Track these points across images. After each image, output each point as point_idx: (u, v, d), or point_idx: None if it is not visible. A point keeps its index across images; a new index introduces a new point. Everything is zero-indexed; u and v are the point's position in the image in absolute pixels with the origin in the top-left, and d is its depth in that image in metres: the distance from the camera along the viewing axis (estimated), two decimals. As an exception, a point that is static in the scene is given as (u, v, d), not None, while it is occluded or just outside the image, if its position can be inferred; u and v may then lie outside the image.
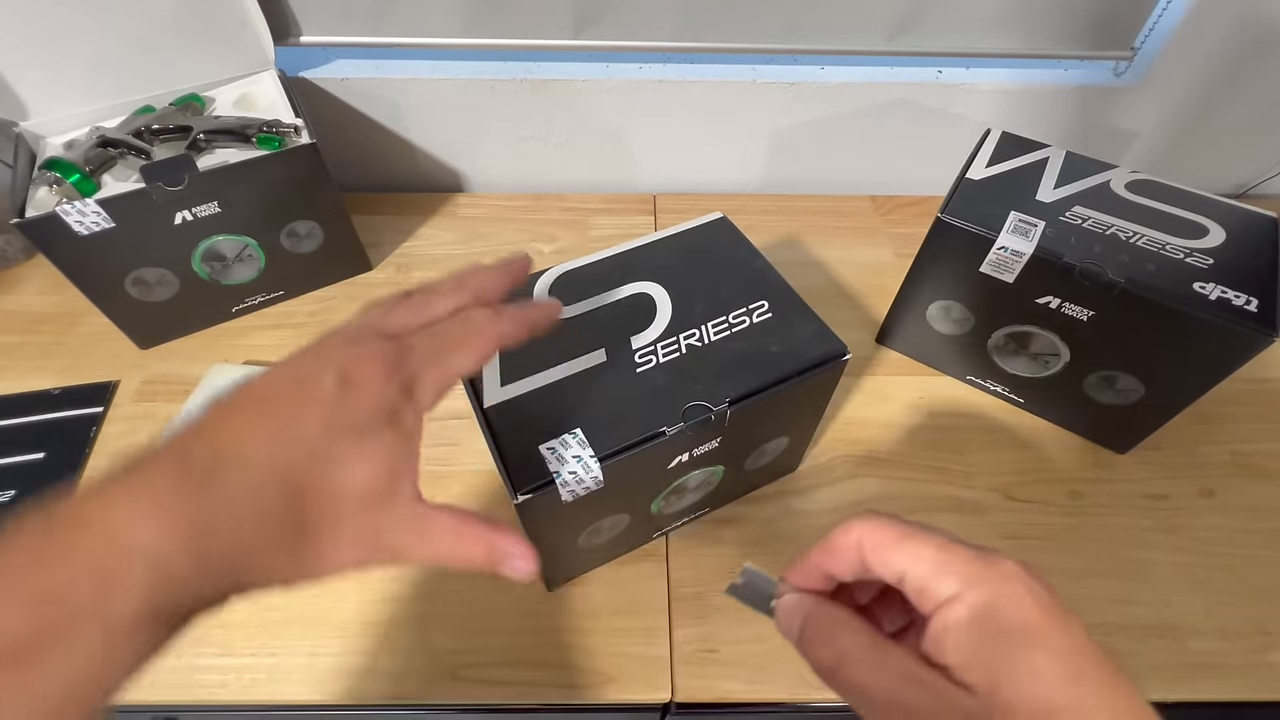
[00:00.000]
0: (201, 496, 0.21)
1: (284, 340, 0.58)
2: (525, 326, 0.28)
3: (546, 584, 0.43)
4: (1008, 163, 0.51)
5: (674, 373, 0.37)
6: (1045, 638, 0.20)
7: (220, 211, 0.51)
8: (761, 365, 0.37)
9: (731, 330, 0.39)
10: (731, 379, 0.37)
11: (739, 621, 0.43)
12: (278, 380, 0.23)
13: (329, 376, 0.23)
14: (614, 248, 0.43)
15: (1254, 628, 0.43)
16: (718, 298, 0.41)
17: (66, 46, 0.51)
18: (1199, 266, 0.43)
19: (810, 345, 0.39)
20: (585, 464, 0.33)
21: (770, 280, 0.42)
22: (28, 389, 0.53)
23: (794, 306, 0.41)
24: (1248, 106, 0.65)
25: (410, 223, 0.68)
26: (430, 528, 0.24)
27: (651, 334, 0.39)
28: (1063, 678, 0.19)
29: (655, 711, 0.43)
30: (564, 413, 0.35)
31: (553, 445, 0.33)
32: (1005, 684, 0.19)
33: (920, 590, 0.22)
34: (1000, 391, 0.54)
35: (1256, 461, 0.51)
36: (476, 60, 0.65)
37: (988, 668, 0.20)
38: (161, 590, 0.19)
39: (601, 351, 0.37)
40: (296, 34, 0.60)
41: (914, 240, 0.50)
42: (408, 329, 0.26)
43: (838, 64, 0.66)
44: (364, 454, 0.23)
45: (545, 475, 0.32)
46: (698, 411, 0.35)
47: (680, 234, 0.45)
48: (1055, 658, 0.20)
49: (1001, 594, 0.21)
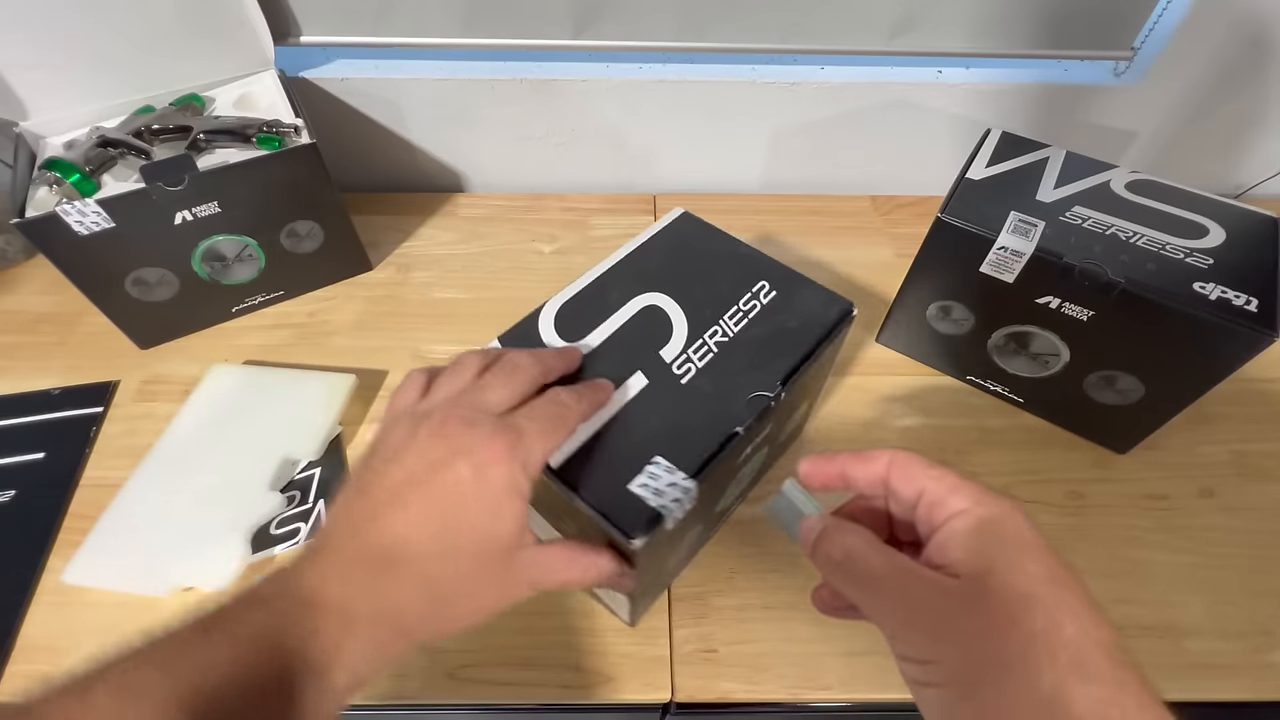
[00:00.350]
0: (385, 591, 0.26)
1: (284, 340, 0.58)
2: (596, 406, 0.34)
3: (633, 619, 0.42)
4: (1008, 163, 0.51)
5: (715, 373, 0.37)
6: (1037, 551, 0.24)
7: (220, 211, 0.51)
8: (790, 341, 0.39)
9: (748, 317, 0.40)
10: (770, 362, 0.37)
11: (739, 621, 0.43)
12: (418, 467, 0.28)
13: (464, 466, 0.27)
14: (594, 270, 0.42)
15: (1254, 628, 0.43)
16: (720, 291, 0.41)
17: (66, 46, 0.51)
18: (1199, 266, 0.43)
19: (822, 311, 0.40)
20: (681, 487, 0.32)
21: (758, 260, 0.43)
22: (28, 389, 0.53)
23: (790, 278, 0.42)
24: (1248, 106, 0.65)
25: (410, 223, 0.69)
26: (548, 564, 0.30)
27: (678, 343, 0.38)
28: (1046, 580, 0.23)
29: (655, 711, 0.43)
30: (634, 446, 0.34)
31: (644, 481, 0.32)
32: (994, 574, 0.23)
33: (934, 504, 0.25)
34: (1000, 391, 0.54)
35: (1256, 461, 0.51)
36: (476, 60, 0.65)
37: (982, 561, 0.23)
38: (363, 664, 0.25)
39: (639, 374, 0.37)
40: (296, 34, 0.60)
41: (914, 240, 0.50)
42: (507, 406, 0.31)
43: (838, 64, 0.66)
44: (503, 523, 0.28)
45: (648, 511, 0.31)
46: (759, 402, 0.36)
47: (653, 239, 0.44)
48: (1042, 565, 0.23)
49: (1006, 515, 0.24)
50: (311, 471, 0.49)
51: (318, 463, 0.49)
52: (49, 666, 0.41)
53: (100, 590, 0.43)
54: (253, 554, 0.44)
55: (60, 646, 0.41)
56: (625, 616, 0.41)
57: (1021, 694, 0.21)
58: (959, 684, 0.23)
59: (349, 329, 0.59)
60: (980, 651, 0.22)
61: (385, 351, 0.57)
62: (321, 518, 0.46)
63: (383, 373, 0.56)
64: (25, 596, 0.43)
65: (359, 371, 0.54)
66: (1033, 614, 0.22)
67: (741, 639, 0.42)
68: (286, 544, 0.45)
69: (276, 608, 0.25)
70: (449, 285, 0.63)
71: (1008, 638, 0.22)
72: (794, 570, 0.44)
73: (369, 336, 0.58)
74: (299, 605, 0.25)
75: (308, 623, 0.24)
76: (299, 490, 0.48)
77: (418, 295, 0.62)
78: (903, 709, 0.42)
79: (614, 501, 0.32)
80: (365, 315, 0.60)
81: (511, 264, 0.65)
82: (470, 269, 0.64)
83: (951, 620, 0.23)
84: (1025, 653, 0.22)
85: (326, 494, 0.47)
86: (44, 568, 0.44)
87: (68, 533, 0.46)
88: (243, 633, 0.24)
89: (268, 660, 0.23)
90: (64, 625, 0.42)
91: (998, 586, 0.23)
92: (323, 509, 0.47)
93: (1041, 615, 0.22)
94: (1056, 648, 0.21)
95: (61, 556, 0.44)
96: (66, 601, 0.43)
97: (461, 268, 0.65)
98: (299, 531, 0.45)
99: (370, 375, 0.55)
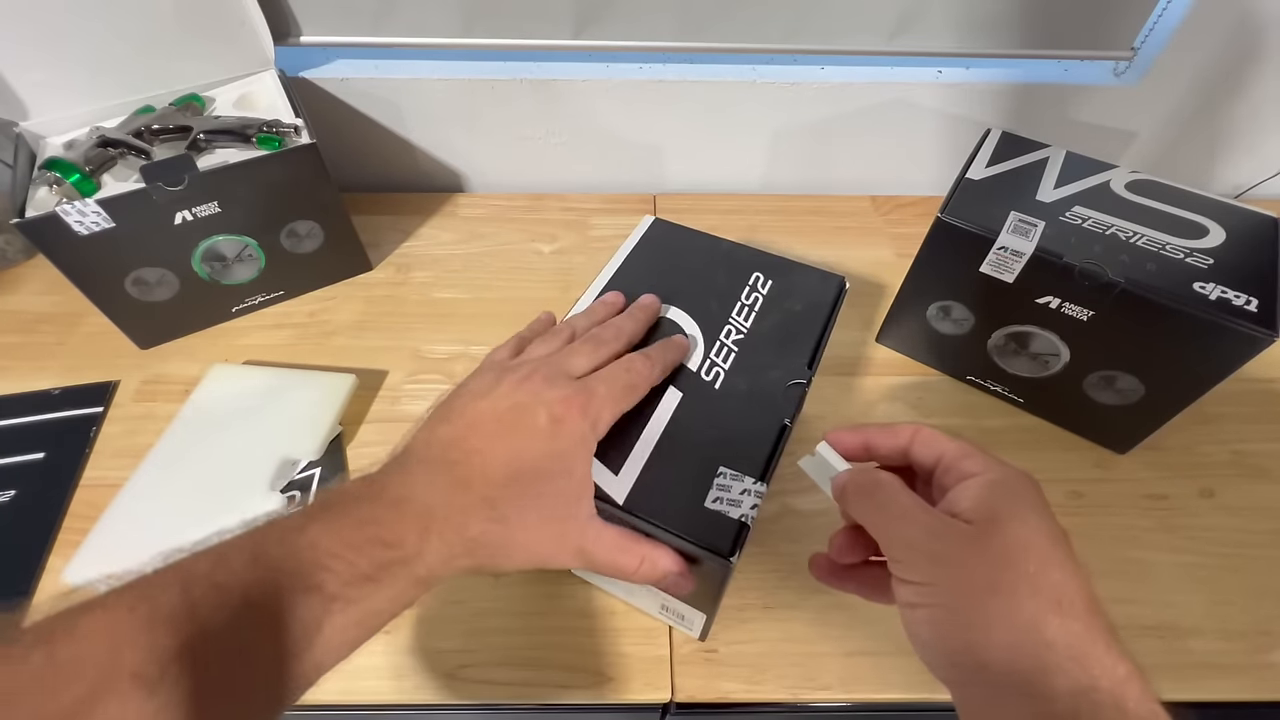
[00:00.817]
0: (465, 493, 0.29)
1: (284, 340, 0.58)
2: (670, 366, 0.37)
3: (704, 634, 0.41)
4: (1008, 163, 0.51)
5: (744, 371, 0.38)
6: (1040, 510, 0.26)
7: (220, 211, 0.51)
8: (801, 326, 0.40)
9: (754, 310, 0.41)
10: (791, 348, 0.38)
11: (739, 621, 0.43)
12: (501, 406, 0.32)
13: (542, 413, 0.31)
14: (586, 296, 0.42)
15: (1254, 628, 0.43)
16: (719, 290, 0.41)
17: (67, 46, 0.51)
18: (1199, 266, 0.43)
19: (820, 290, 0.42)
20: (753, 492, 0.33)
21: (744, 253, 0.44)
22: (28, 389, 0.53)
23: (779, 264, 0.43)
24: (1248, 106, 0.65)
25: (410, 223, 0.68)
26: (603, 539, 0.31)
27: (700, 350, 0.39)
28: (1044, 534, 0.25)
29: (655, 711, 0.43)
30: (694, 463, 0.34)
31: (716, 495, 0.32)
32: (998, 522, 0.26)
33: (950, 468, 0.28)
34: (1000, 391, 0.54)
35: (1257, 461, 0.51)
36: (476, 60, 0.65)
37: (990, 512, 0.26)
38: (443, 558, 0.28)
39: (672, 390, 0.37)
40: (296, 34, 0.60)
41: (914, 240, 0.50)
42: (588, 370, 0.34)
43: (838, 64, 0.66)
44: (568, 473, 0.31)
45: (733, 525, 0.32)
46: (796, 390, 0.37)
47: (634, 254, 0.44)
48: (1043, 523, 0.26)
49: (1016, 478, 0.27)
50: (311, 471, 0.49)
51: (318, 463, 0.49)
52: (49, 666, 0.41)
53: (100, 590, 0.43)
54: (253, 554, 0.44)
55: (60, 646, 0.41)
56: (696, 632, 0.41)
57: (1004, 617, 0.24)
58: (950, 605, 0.25)
59: (349, 329, 0.59)
60: (973, 579, 0.25)
61: (385, 351, 0.57)
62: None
63: (383, 373, 0.56)
64: (25, 596, 0.43)
65: (359, 371, 0.54)
66: (1027, 558, 0.25)
67: (741, 639, 0.42)
68: (286, 544, 0.45)
69: (368, 508, 0.28)
70: (449, 285, 0.63)
71: (1002, 571, 0.25)
72: (794, 570, 0.44)
73: (369, 336, 0.58)
74: (389, 505, 0.28)
75: (396, 518, 0.28)
76: (299, 490, 0.48)
77: (418, 295, 0.62)
78: (903, 709, 0.42)
79: (697, 523, 0.32)
80: (365, 315, 0.60)
81: (511, 264, 0.65)
82: (470, 269, 0.64)
83: (955, 551, 0.26)
84: (1014, 585, 0.24)
85: (326, 494, 0.47)
86: (44, 568, 0.44)
87: (68, 533, 0.46)
88: (345, 522, 0.27)
89: (364, 550, 0.26)
90: (64, 625, 0.42)
91: (1000, 532, 0.25)
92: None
93: (1035, 560, 0.25)
94: (1043, 587, 0.24)
95: (61, 556, 0.44)
96: (66, 601, 0.43)
97: (461, 268, 0.65)
98: (299, 531, 0.45)
99: (370, 375, 0.55)
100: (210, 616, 0.23)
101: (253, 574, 0.24)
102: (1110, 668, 0.22)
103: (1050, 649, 0.23)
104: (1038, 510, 0.26)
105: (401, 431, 0.51)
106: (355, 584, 0.26)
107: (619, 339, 0.36)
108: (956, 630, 0.25)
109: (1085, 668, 0.22)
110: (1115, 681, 0.22)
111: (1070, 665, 0.23)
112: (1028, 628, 0.23)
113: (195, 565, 0.24)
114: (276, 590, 0.24)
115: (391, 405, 0.54)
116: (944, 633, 0.25)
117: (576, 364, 0.34)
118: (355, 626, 0.26)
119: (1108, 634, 0.23)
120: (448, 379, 0.56)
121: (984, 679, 0.24)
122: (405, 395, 0.54)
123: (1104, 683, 0.22)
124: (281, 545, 0.26)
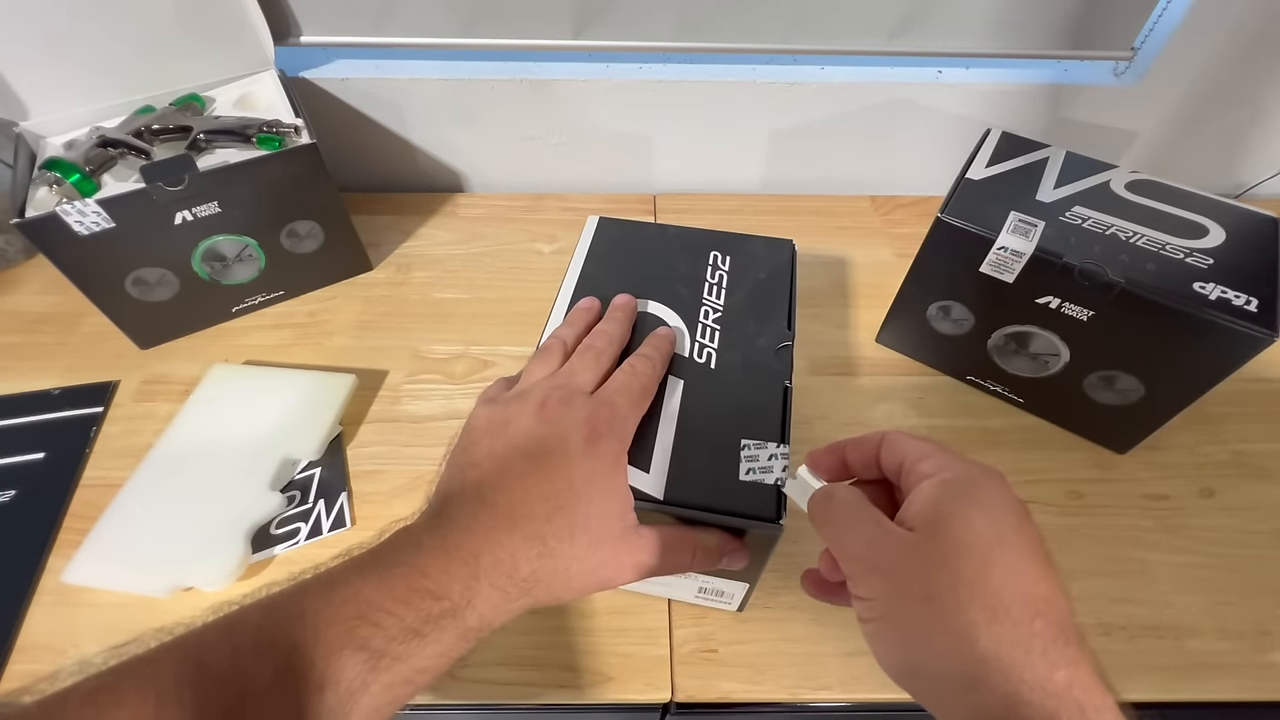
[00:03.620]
0: (510, 535, 0.28)
1: (284, 340, 0.58)
2: (667, 357, 0.37)
3: (743, 605, 0.42)
4: (1008, 163, 0.51)
5: (733, 346, 0.39)
6: (993, 511, 0.25)
7: (220, 211, 0.51)
8: (769, 291, 0.42)
9: (723, 287, 0.42)
10: (767, 315, 0.40)
11: (739, 621, 0.43)
12: (526, 439, 0.31)
13: (575, 438, 0.31)
14: (557, 302, 0.42)
15: (1254, 628, 0.43)
16: (684, 274, 0.43)
17: (66, 46, 0.51)
18: (1199, 266, 0.43)
19: (774, 255, 0.44)
20: (780, 454, 0.34)
21: (694, 235, 0.46)
22: (28, 389, 0.53)
23: (730, 239, 0.46)
24: (1248, 106, 0.65)
25: (410, 223, 0.69)
26: (653, 544, 0.31)
27: (684, 336, 0.39)
28: (988, 536, 0.24)
29: (655, 711, 0.43)
30: (715, 442, 0.34)
31: (748, 467, 0.34)
32: (940, 525, 0.25)
33: (909, 471, 0.28)
34: (1000, 391, 0.54)
35: (1257, 461, 0.51)
36: (476, 60, 0.65)
37: (935, 516, 0.25)
38: (494, 604, 0.28)
39: (674, 379, 0.37)
40: (296, 34, 0.60)
41: (914, 240, 0.50)
42: (595, 385, 0.34)
43: (838, 64, 0.66)
44: (608, 493, 0.31)
45: (771, 491, 0.33)
46: (786, 351, 0.38)
47: (591, 253, 0.45)
48: (990, 524, 0.24)
49: (972, 478, 0.26)
50: (311, 471, 0.49)
51: (318, 463, 0.49)
52: (49, 666, 0.41)
53: (100, 590, 0.43)
54: (253, 554, 0.44)
55: (60, 646, 0.41)
56: (735, 605, 0.42)
57: (937, 627, 0.23)
58: (889, 617, 0.25)
59: (349, 329, 0.59)
60: (910, 589, 0.24)
61: (385, 351, 0.57)
62: (322, 519, 0.46)
63: (383, 373, 0.56)
64: (25, 596, 0.43)
65: (359, 371, 0.54)
66: (964, 562, 0.24)
67: (741, 639, 0.42)
68: (286, 544, 0.45)
69: (411, 556, 0.27)
70: (449, 285, 0.63)
71: (936, 578, 0.24)
72: (793, 570, 0.44)
73: (369, 336, 0.58)
74: (434, 555, 0.27)
75: (442, 568, 0.27)
76: (299, 490, 0.48)
77: (418, 295, 0.62)
78: (903, 709, 0.42)
79: (739, 497, 0.33)
80: (365, 315, 0.60)
81: (511, 264, 0.65)
82: (470, 269, 0.64)
83: (892, 561, 0.25)
84: (949, 593, 0.23)
85: (326, 494, 0.47)
86: (44, 568, 0.44)
87: (68, 533, 0.46)
88: (393, 573, 0.27)
89: (410, 603, 0.26)
90: (64, 625, 0.42)
91: (941, 536, 0.25)
92: (323, 509, 0.47)
93: (972, 564, 0.24)
94: (979, 593, 0.23)
95: (61, 556, 0.44)
96: (66, 601, 0.43)
97: (461, 268, 0.65)
98: (299, 531, 0.45)
99: (370, 375, 0.55)
100: (255, 678, 0.23)
101: (299, 632, 0.24)
102: (1044, 676, 0.21)
103: (981, 662, 0.22)
104: (986, 509, 0.25)
105: (402, 431, 0.52)
106: (401, 639, 0.25)
107: (611, 345, 0.36)
108: (897, 644, 0.25)
109: (1016, 679, 0.21)
110: (1047, 694, 0.21)
111: (998, 678, 0.22)
112: (958, 636, 0.23)
113: (244, 620, 0.24)
114: (324, 649, 0.24)
115: (391, 405, 0.54)
116: (888, 646, 0.25)
117: (584, 380, 0.34)
118: (402, 684, 0.25)
119: (1049, 636, 0.22)
120: (448, 379, 0.56)
121: (927, 690, 0.24)
122: (405, 395, 0.54)
123: (1033, 695, 0.21)
124: (328, 600, 0.25)
